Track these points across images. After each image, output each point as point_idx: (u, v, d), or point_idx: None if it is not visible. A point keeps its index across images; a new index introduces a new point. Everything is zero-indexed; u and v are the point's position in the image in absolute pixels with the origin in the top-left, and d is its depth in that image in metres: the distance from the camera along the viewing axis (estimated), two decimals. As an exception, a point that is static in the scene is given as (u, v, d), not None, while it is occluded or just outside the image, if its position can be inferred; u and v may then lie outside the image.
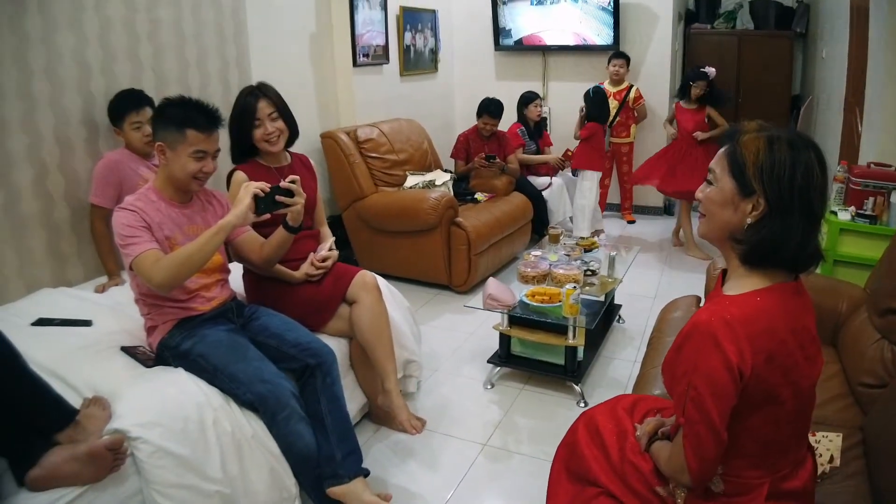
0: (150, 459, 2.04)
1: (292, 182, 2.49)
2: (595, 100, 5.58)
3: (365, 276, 2.99)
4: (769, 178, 1.39)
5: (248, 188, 2.36)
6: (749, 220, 1.44)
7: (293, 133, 3.02)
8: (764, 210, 1.41)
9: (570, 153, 5.98)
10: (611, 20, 6.46)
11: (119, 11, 3.36)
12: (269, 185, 2.43)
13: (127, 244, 2.29)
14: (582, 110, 5.66)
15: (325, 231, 3.24)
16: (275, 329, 2.63)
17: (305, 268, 2.94)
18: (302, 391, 2.53)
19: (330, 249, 3.03)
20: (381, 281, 3.14)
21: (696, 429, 1.43)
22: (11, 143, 2.91)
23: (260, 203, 2.38)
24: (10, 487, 1.86)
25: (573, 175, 6.11)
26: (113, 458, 1.94)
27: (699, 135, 5.39)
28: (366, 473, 2.51)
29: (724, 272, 1.60)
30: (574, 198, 5.92)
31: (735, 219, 1.46)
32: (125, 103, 3.20)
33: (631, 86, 6.35)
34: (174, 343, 2.43)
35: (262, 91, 2.92)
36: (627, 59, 6.31)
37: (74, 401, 2.09)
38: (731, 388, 1.39)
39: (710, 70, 5.50)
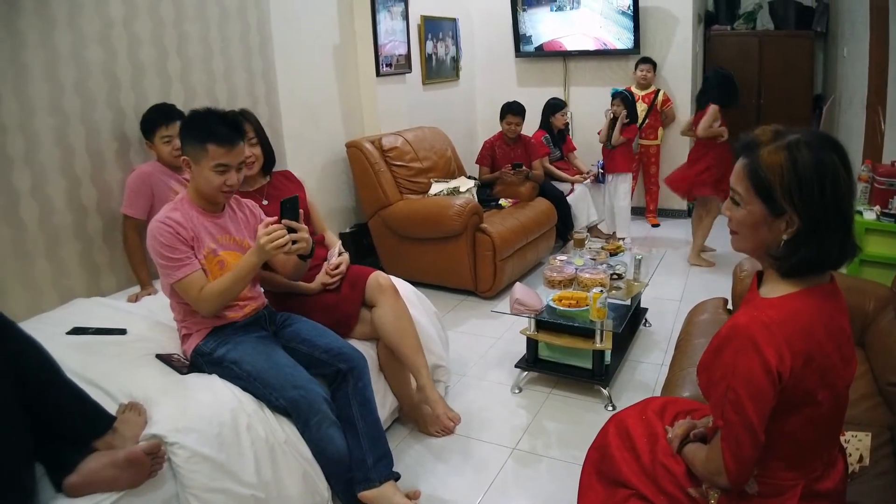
0: (186, 464, 2.07)
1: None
2: (630, 102, 5.68)
3: (378, 277, 3.02)
4: (799, 198, 1.39)
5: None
6: (785, 237, 1.44)
7: (269, 160, 3.07)
8: (798, 227, 1.42)
9: (590, 173, 6.12)
10: (631, 24, 6.47)
11: (147, 27, 3.41)
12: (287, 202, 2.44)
13: (171, 266, 2.34)
14: (607, 114, 5.70)
15: (330, 236, 3.27)
16: (306, 335, 2.66)
17: (321, 278, 2.98)
18: (334, 396, 2.55)
19: (339, 255, 3.06)
20: (408, 287, 3.16)
21: (734, 431, 1.44)
22: (44, 157, 2.97)
23: (285, 204, 2.41)
24: (47, 493, 1.88)
25: (602, 181, 6.12)
26: (151, 463, 1.96)
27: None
28: (396, 477, 2.54)
29: (759, 273, 1.61)
30: (613, 201, 6.02)
31: (770, 237, 1.47)
32: (156, 117, 3.25)
33: (658, 89, 6.36)
34: (208, 350, 2.46)
35: (243, 116, 2.93)
36: (654, 65, 6.39)
37: (110, 408, 2.11)
38: (769, 391, 1.39)
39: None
